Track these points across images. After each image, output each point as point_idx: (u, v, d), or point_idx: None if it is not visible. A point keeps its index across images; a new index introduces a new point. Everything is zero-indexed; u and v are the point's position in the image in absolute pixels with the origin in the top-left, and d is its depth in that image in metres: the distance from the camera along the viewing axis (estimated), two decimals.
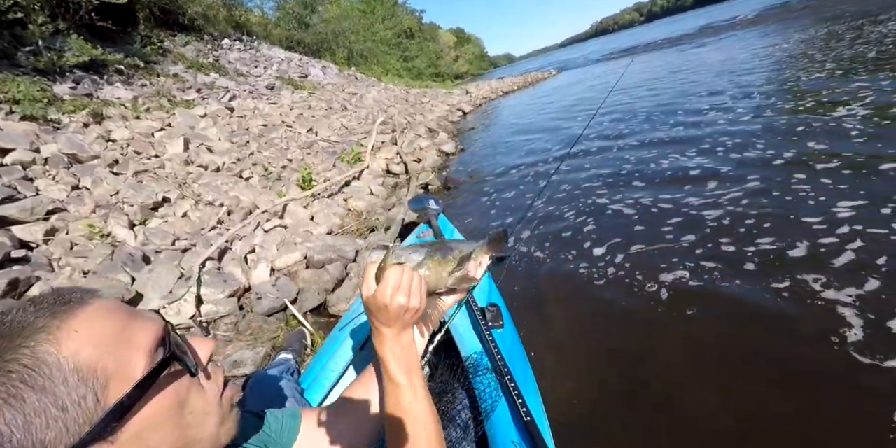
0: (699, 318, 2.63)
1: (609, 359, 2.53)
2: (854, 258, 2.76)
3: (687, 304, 2.76)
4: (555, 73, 33.40)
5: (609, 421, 2.12)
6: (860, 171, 3.83)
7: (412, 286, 0.91)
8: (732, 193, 4.01)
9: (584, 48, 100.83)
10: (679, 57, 18.81)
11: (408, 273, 0.92)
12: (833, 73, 7.63)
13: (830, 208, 3.35)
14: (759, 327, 2.44)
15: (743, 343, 2.37)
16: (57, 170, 4.65)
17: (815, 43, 11.52)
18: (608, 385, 2.35)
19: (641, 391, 2.24)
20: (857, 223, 3.09)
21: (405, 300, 0.89)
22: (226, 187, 5.26)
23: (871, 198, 3.36)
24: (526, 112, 14.51)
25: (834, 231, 3.07)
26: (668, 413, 2.07)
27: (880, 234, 2.91)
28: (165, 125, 6.89)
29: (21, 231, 3.49)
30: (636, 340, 2.61)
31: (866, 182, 3.62)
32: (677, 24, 68.92)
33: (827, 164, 4.10)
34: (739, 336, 2.43)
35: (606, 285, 3.21)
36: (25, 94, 5.70)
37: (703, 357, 2.35)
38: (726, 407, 2.01)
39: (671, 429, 1.99)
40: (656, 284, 3.03)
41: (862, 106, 5.43)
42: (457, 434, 1.38)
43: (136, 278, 3.23)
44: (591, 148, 7.03)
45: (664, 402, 2.14)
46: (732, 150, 5.14)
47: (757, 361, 2.22)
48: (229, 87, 10.32)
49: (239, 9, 17.60)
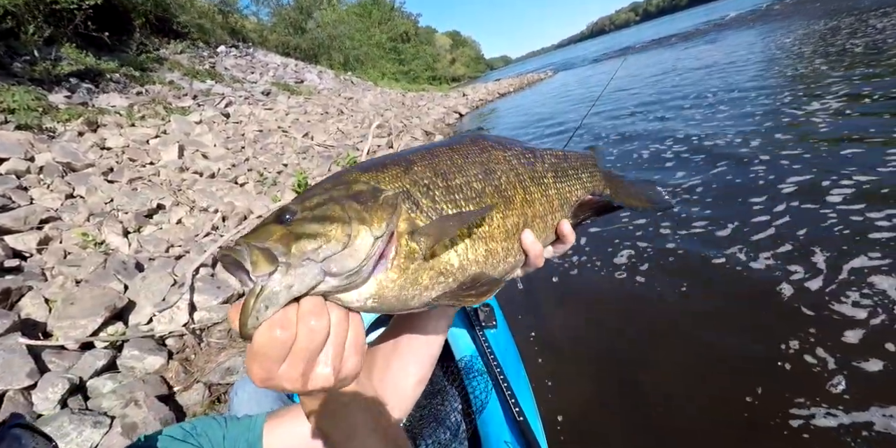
0: (691, 315, 2.61)
1: (603, 360, 2.51)
2: (774, 232, 3.19)
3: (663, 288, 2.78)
4: (551, 74, 33.48)
5: (602, 420, 2.10)
6: (819, 154, 4.22)
7: (311, 328, 0.50)
8: (693, 181, 4.46)
9: (580, 49, 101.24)
10: (670, 56, 18.87)
11: (306, 306, 0.52)
12: (817, 69, 7.81)
13: (776, 187, 3.82)
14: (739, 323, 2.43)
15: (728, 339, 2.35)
16: (51, 178, 4.64)
17: (807, 38, 11.67)
18: (601, 385, 2.33)
19: (634, 391, 2.22)
20: (794, 199, 3.55)
21: (287, 369, 0.50)
22: (220, 193, 5.24)
23: (817, 175, 3.79)
24: (521, 113, 14.53)
25: (772, 208, 3.52)
26: (660, 413, 2.05)
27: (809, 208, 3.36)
28: (160, 132, 6.89)
29: (14, 240, 3.48)
30: (638, 345, 2.59)
31: (819, 163, 4.05)
32: (671, 23, 69.17)
33: (792, 151, 4.48)
34: (734, 335, 2.41)
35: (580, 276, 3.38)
36: (20, 104, 5.71)
37: (699, 356, 2.33)
38: (720, 406, 1.99)
39: (662, 428, 1.97)
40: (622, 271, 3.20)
41: (835, 98, 5.78)
42: (447, 436, 1.37)
43: (128, 286, 3.21)
44: (584, 144, 7.12)
45: (656, 402, 2.12)
46: (706, 139, 5.62)
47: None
48: (225, 94, 10.34)
49: (234, 15, 17.67)
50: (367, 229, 0.54)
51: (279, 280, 0.49)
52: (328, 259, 0.52)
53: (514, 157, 0.79)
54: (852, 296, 2.40)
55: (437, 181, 0.66)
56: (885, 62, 6.91)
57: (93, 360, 2.54)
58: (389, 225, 0.57)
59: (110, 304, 2.85)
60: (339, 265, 0.52)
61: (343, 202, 0.57)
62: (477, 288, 0.62)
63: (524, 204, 0.75)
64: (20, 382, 2.27)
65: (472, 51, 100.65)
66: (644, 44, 34.63)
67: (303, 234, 0.52)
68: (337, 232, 0.53)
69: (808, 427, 1.81)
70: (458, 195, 0.67)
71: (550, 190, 0.81)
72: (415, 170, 0.66)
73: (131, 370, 2.62)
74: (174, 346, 2.90)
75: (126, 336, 2.80)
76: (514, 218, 0.73)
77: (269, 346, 0.48)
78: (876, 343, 2.10)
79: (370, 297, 0.56)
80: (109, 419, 2.20)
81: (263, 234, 0.53)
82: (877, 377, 1.94)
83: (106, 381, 2.47)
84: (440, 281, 0.62)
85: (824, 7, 18.28)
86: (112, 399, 2.34)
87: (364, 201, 0.57)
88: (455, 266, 0.64)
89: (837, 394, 1.92)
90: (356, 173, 0.64)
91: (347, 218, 0.55)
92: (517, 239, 0.74)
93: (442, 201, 0.65)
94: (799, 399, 1.93)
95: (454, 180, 0.68)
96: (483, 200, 0.69)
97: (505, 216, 0.72)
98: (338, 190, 0.59)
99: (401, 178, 0.64)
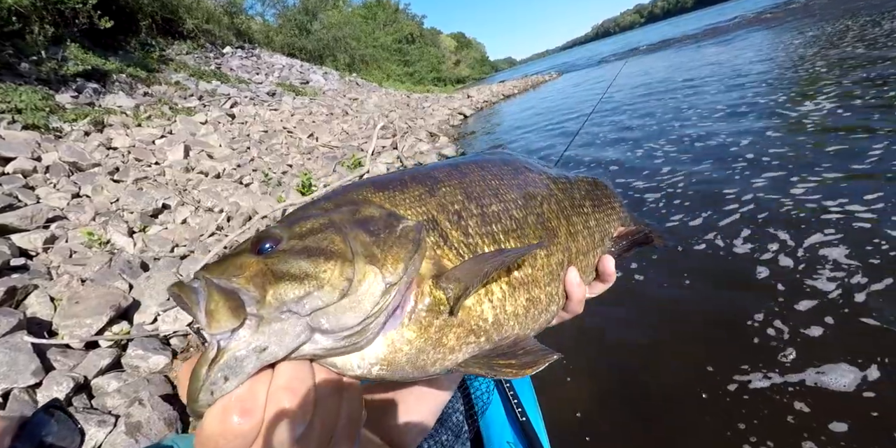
0: (692, 317, 2.60)
1: (605, 359, 2.51)
2: (740, 218, 3.54)
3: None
4: (556, 75, 33.44)
5: (605, 421, 2.10)
6: (802, 151, 4.49)
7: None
8: (677, 177, 4.78)
9: (584, 51, 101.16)
10: (674, 58, 18.85)
11: (285, 373, 0.37)
12: (817, 71, 7.89)
13: (749, 181, 4.12)
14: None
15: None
16: (58, 178, 4.68)
17: (809, 41, 11.67)
18: (604, 385, 2.32)
19: (638, 392, 2.22)
20: (761, 191, 3.87)
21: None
22: (226, 193, 5.26)
23: (791, 170, 4.08)
24: (526, 114, 14.52)
25: (741, 198, 3.84)
26: (664, 413, 2.04)
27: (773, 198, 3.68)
28: (166, 132, 6.93)
29: (20, 239, 3.50)
30: (636, 343, 2.58)
31: (797, 158, 4.34)
32: (676, 26, 69.03)
33: (779, 148, 4.72)
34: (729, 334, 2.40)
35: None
36: (27, 104, 5.75)
37: (698, 356, 2.32)
38: (719, 407, 1.98)
39: (664, 428, 1.96)
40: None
41: (827, 99, 6.02)
42: (448, 437, 1.36)
43: (133, 285, 3.23)
44: (581, 144, 7.36)
45: (660, 403, 2.11)
46: (697, 140, 5.89)
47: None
48: (230, 94, 10.38)
49: (241, 16, 17.77)
50: (378, 272, 0.40)
51: (246, 340, 0.34)
52: (318, 312, 0.37)
53: (552, 181, 0.65)
54: (809, 271, 2.72)
55: (470, 207, 0.52)
56: (879, 65, 7.03)
57: (97, 359, 2.55)
58: (409, 268, 0.42)
59: (115, 304, 2.87)
60: (334, 321, 0.37)
61: (347, 230, 0.42)
62: (518, 357, 0.47)
63: (569, 237, 0.60)
64: (25, 380, 2.29)
65: (476, 52, 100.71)
66: (649, 46, 34.59)
67: (285, 275, 0.37)
68: (333, 273, 0.38)
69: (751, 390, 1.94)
70: (497, 226, 0.53)
71: (591, 220, 0.67)
72: (442, 191, 0.52)
73: (136, 369, 2.63)
74: (178, 345, 2.91)
75: (131, 335, 2.81)
76: (559, 255, 0.58)
77: (223, 437, 0.32)
78: (824, 310, 2.40)
79: (377, 363, 0.42)
80: (114, 418, 2.21)
81: (231, 267, 0.39)
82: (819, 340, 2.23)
83: (110, 380, 2.49)
84: (470, 341, 0.47)
85: (829, 10, 18.19)
86: (116, 398, 2.35)
87: (376, 231, 0.43)
88: (489, 321, 0.49)
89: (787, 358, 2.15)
90: (367, 190, 0.50)
91: (351, 254, 0.40)
92: (561, 280, 0.59)
93: (477, 234, 0.51)
94: (746, 365, 2.12)
95: (490, 207, 0.54)
96: (525, 233, 0.55)
97: (550, 253, 0.57)
98: (341, 212, 0.45)
99: (425, 201, 0.50)
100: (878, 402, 1.85)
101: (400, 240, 0.43)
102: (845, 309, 2.38)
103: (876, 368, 1.98)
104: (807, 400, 1.94)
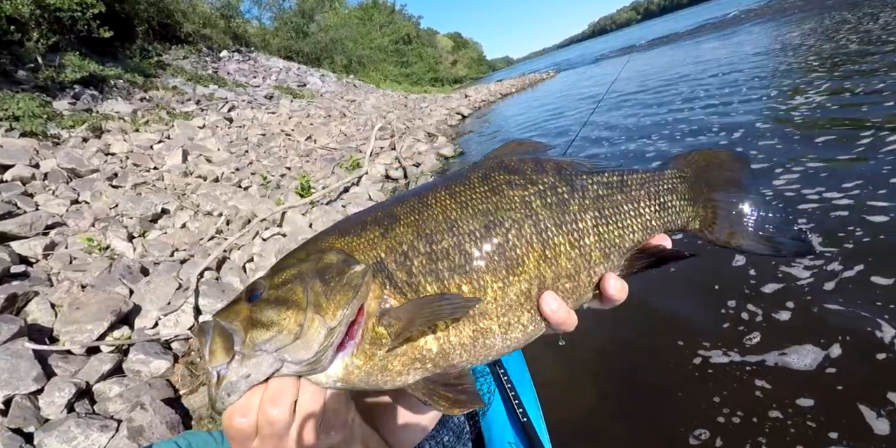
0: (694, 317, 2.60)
1: (607, 360, 2.50)
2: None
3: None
4: (553, 74, 33.42)
5: (606, 421, 2.09)
6: (790, 142, 4.58)
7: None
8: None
9: (582, 48, 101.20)
10: (671, 54, 18.85)
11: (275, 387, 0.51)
12: (809, 66, 7.97)
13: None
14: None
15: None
16: (56, 185, 4.68)
17: (803, 36, 11.68)
18: (606, 386, 2.32)
19: (639, 392, 2.21)
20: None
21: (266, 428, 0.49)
22: (224, 197, 5.27)
23: (777, 160, 4.19)
24: (524, 113, 14.53)
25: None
26: (665, 414, 2.04)
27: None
28: (164, 137, 6.94)
29: (20, 246, 3.51)
30: (633, 341, 2.58)
31: (783, 149, 4.45)
32: (673, 22, 69.08)
33: (769, 140, 4.79)
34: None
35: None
36: (25, 111, 5.76)
37: (700, 359, 2.31)
38: (721, 407, 1.98)
39: (668, 429, 1.96)
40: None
41: (817, 93, 6.12)
42: (450, 437, 1.36)
43: (134, 290, 3.23)
44: (584, 145, 7.36)
45: (662, 403, 2.10)
46: (689, 134, 6.04)
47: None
48: (228, 98, 10.40)
49: (237, 19, 17.78)
50: (321, 320, 0.50)
51: (235, 370, 0.49)
52: (281, 350, 0.49)
53: (538, 195, 0.61)
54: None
55: (418, 246, 0.55)
56: (868, 59, 7.11)
57: (99, 365, 2.55)
58: (347, 311, 0.51)
59: (116, 309, 2.87)
60: (293, 356, 0.50)
61: (307, 281, 0.52)
62: (457, 393, 0.53)
63: (541, 264, 0.58)
64: (27, 387, 2.29)
65: (473, 52, 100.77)
66: (647, 42, 34.58)
67: (258, 323, 0.50)
68: (290, 322, 0.50)
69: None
70: (442, 264, 0.55)
71: (588, 238, 0.61)
72: (396, 231, 0.56)
73: (137, 374, 2.63)
74: (180, 349, 2.91)
75: (132, 340, 2.81)
76: (523, 285, 0.57)
77: (235, 430, 0.49)
78: (792, 295, 2.50)
79: (338, 380, 0.53)
80: (116, 423, 2.21)
81: (231, 313, 0.52)
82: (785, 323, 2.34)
83: (112, 385, 2.49)
84: (416, 367, 0.54)
85: (823, 3, 18.19)
86: (118, 403, 2.35)
87: (328, 280, 0.52)
88: (434, 351, 0.54)
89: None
90: (333, 238, 0.58)
91: (305, 304, 0.51)
92: (530, 306, 0.58)
93: (420, 273, 0.54)
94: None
95: (440, 243, 0.56)
96: (475, 268, 0.55)
97: (507, 285, 0.57)
98: (309, 262, 0.55)
99: (376, 244, 0.56)
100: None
101: (344, 287, 0.51)
102: (825, 292, 2.45)
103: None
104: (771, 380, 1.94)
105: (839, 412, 1.82)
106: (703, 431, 1.92)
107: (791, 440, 1.79)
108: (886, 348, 2.01)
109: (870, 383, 1.90)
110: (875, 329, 2.12)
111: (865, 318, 2.20)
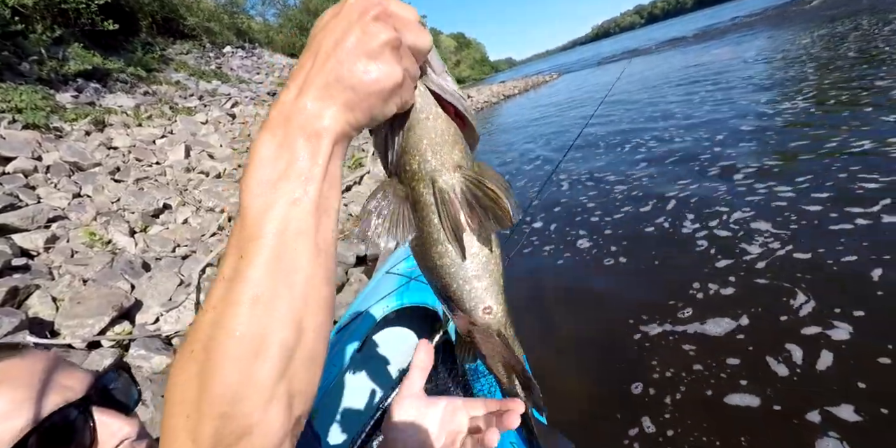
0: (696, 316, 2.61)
1: (608, 360, 2.51)
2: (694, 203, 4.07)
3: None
4: (555, 76, 33.46)
5: (608, 422, 2.10)
6: (767, 143, 4.94)
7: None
8: (649, 170, 5.25)
9: (584, 51, 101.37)
10: (671, 60, 18.88)
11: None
12: (804, 72, 8.16)
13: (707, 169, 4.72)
14: None
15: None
16: (58, 178, 4.67)
17: (802, 44, 11.78)
18: (607, 386, 2.33)
19: (641, 392, 2.22)
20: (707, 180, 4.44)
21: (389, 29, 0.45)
22: (227, 193, 5.26)
23: (754, 159, 4.60)
24: (526, 115, 14.55)
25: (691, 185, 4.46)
26: (667, 414, 2.05)
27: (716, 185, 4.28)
28: (167, 132, 6.93)
29: (22, 239, 3.50)
30: (633, 340, 2.59)
31: (764, 150, 4.76)
32: (676, 26, 69.20)
33: (748, 143, 5.18)
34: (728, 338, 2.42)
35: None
36: (28, 103, 5.75)
37: (700, 358, 2.32)
38: (720, 407, 1.99)
39: (670, 429, 1.96)
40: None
41: (804, 99, 6.40)
42: None
43: (135, 286, 3.23)
44: (580, 144, 7.49)
45: (663, 403, 2.11)
46: (676, 137, 6.35)
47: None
48: (231, 94, 10.38)
49: (241, 16, 17.76)
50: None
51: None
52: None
53: None
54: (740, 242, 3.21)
55: None
56: (862, 67, 7.26)
57: (100, 360, 2.55)
58: None
59: (117, 304, 2.87)
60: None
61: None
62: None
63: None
64: None
65: (476, 53, 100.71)
66: (647, 46, 34.62)
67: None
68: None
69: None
70: None
71: None
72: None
73: (138, 369, 2.63)
74: (180, 345, 2.90)
75: (133, 335, 2.81)
76: None
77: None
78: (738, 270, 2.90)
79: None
80: None
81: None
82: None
83: None
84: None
85: (823, 13, 18.25)
86: None
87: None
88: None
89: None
90: None
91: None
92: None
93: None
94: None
95: None
96: None
97: None
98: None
99: None
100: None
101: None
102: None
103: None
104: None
105: (750, 363, 2.22)
106: (639, 384, 2.26)
107: (710, 386, 2.15)
108: (793, 312, 2.45)
109: (777, 341, 2.30)
110: (790, 298, 2.55)
111: (785, 288, 2.64)
